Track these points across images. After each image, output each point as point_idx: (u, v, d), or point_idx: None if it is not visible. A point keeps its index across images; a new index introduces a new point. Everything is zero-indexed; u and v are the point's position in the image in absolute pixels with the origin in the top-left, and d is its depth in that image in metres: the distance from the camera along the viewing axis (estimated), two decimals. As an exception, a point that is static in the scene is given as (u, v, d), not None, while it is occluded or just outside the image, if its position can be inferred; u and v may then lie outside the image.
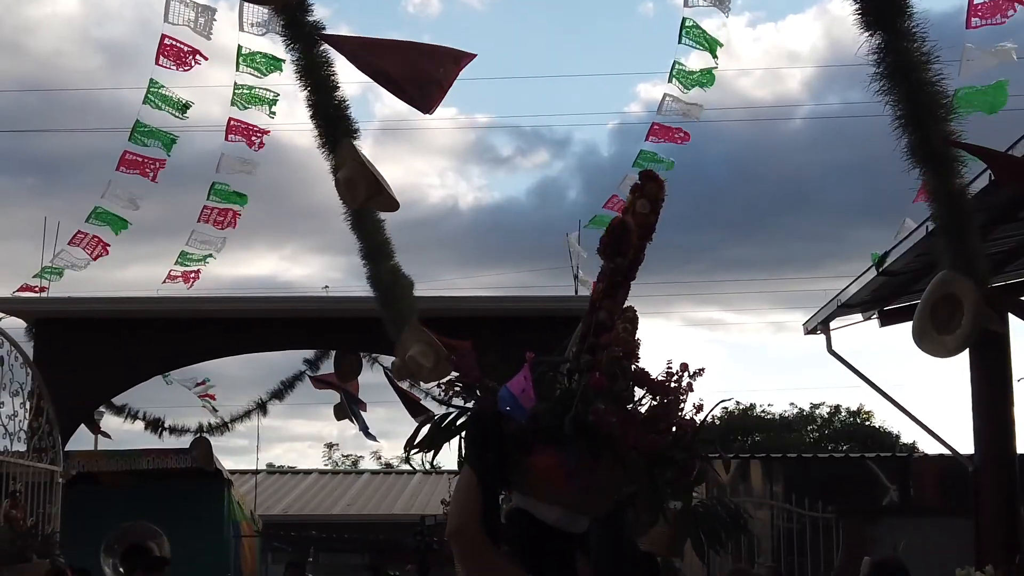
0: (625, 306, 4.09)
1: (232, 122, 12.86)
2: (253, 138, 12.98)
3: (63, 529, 14.12)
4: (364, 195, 7.25)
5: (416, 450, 3.66)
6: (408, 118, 62.32)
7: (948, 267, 6.29)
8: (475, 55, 7.03)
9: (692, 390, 3.75)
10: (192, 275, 15.87)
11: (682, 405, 3.66)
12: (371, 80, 7.02)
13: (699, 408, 3.76)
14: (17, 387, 13.50)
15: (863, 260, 12.49)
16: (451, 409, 3.65)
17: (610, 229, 3.67)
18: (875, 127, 6.72)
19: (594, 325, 3.64)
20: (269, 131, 13.07)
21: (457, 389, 3.59)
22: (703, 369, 3.85)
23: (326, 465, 39.21)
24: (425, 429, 3.69)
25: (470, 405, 3.61)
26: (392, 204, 7.51)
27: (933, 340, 6.36)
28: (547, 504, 3.53)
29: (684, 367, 3.75)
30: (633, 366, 3.57)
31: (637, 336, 4.24)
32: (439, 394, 3.69)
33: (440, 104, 6.95)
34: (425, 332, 8.34)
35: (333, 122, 7.55)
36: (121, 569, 14.24)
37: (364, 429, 10.30)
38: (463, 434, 3.59)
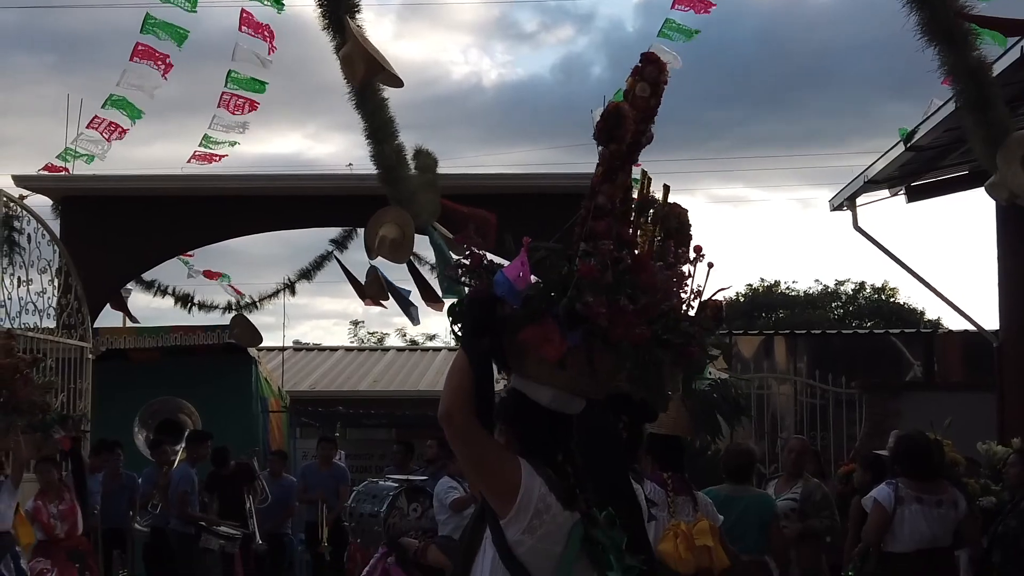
0: (675, 204, 4.07)
1: (244, 14, 12.74)
2: (264, 33, 12.88)
3: (94, 404, 14.36)
4: (362, 73, 7.19)
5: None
6: (431, -7, 61.49)
7: (975, 140, 6.18)
8: None
9: (692, 276, 3.77)
10: (216, 157, 15.86)
11: (682, 292, 3.67)
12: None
13: (698, 294, 3.76)
14: (45, 264, 13.63)
15: (890, 136, 12.37)
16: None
17: (604, 114, 3.63)
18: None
19: (593, 209, 3.62)
20: (275, 35, 13.00)
21: (463, 270, 3.59)
22: (703, 255, 3.87)
23: (352, 342, 39.52)
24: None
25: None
26: (395, 81, 7.45)
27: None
28: (540, 385, 3.56)
29: (682, 255, 3.76)
30: (630, 259, 3.55)
31: (689, 231, 4.26)
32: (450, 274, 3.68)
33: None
34: (404, 215, 8.31)
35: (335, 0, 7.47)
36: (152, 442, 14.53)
37: (406, 308, 10.33)
38: (459, 316, 3.59)
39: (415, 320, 10.38)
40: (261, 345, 18.28)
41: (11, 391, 9.95)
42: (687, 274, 3.76)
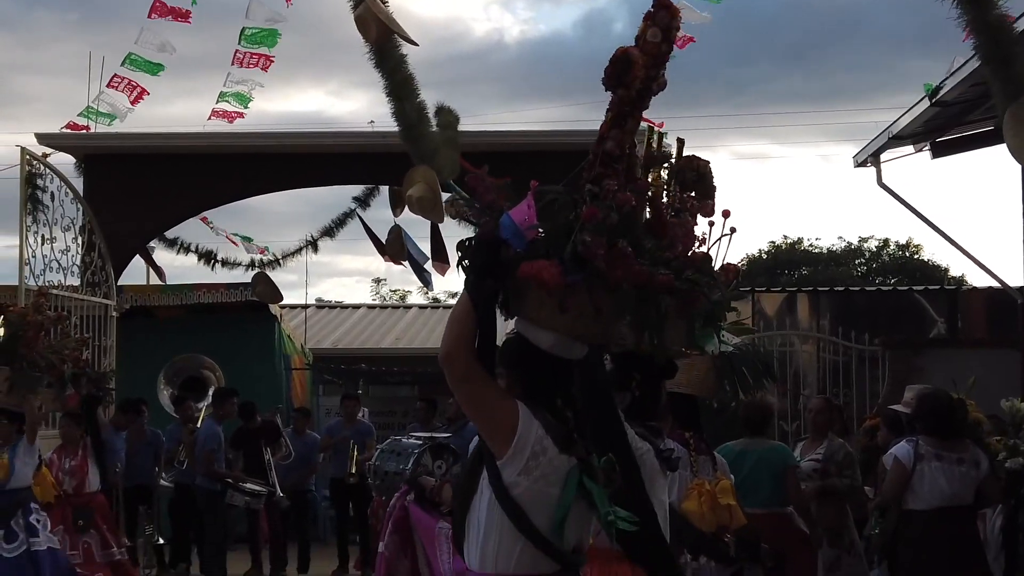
0: (695, 157, 4.04)
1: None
2: None
3: (119, 361, 14.45)
4: (375, 35, 7.17)
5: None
6: (452, -52, 61.14)
7: (996, 97, 6.10)
8: None
9: (710, 228, 3.76)
10: (235, 114, 15.88)
11: (692, 241, 3.67)
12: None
13: (702, 241, 3.75)
14: (68, 222, 13.69)
15: (916, 91, 12.28)
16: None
17: (613, 59, 3.61)
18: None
19: (601, 155, 3.60)
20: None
21: (472, 213, 3.60)
22: (709, 205, 3.87)
23: (374, 300, 39.61)
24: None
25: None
26: (410, 42, 7.44)
27: None
28: (541, 329, 3.59)
29: (705, 207, 3.75)
30: (636, 202, 3.54)
31: (711, 182, 4.25)
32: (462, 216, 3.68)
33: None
34: (431, 173, 8.31)
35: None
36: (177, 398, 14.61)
37: (419, 273, 10.38)
38: (465, 260, 3.62)
39: (429, 286, 10.43)
40: (284, 303, 18.33)
41: (32, 349, 10.03)
42: (699, 225, 3.77)
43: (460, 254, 3.64)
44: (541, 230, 3.45)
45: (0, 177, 16.05)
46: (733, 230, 4.38)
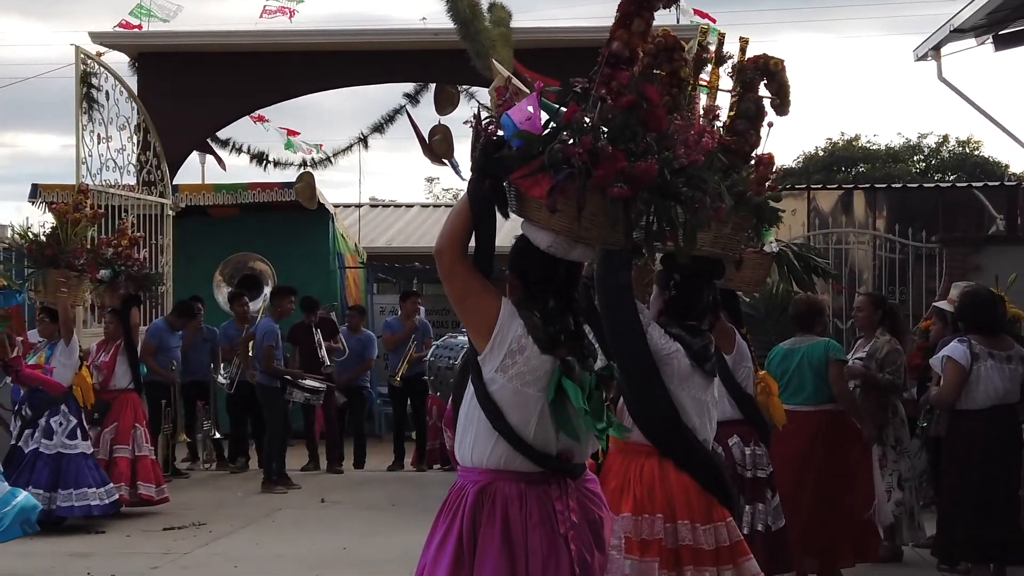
0: (766, 55, 3.97)
1: None
2: None
3: (175, 260, 14.61)
4: None
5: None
6: None
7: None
8: None
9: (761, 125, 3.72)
10: (287, 11, 15.80)
11: (708, 144, 3.63)
12: None
13: (709, 134, 3.70)
14: (123, 121, 13.75)
15: (979, -19, 11.94)
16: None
17: None
18: None
19: (607, 56, 3.56)
20: None
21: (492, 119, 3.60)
22: (786, 105, 3.82)
23: (427, 199, 39.58)
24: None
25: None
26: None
27: None
28: (539, 229, 3.60)
29: (779, 105, 3.70)
30: (632, 99, 3.48)
31: (787, 84, 4.21)
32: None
33: None
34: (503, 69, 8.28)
35: None
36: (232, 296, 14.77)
37: (459, 173, 10.37)
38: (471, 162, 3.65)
39: None
40: (337, 202, 18.35)
41: (72, 247, 10.10)
42: (710, 129, 3.76)
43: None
44: (537, 130, 3.45)
45: (55, 76, 16.11)
46: (771, 124, 4.35)
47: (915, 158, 41.24)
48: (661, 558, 4.65)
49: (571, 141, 3.40)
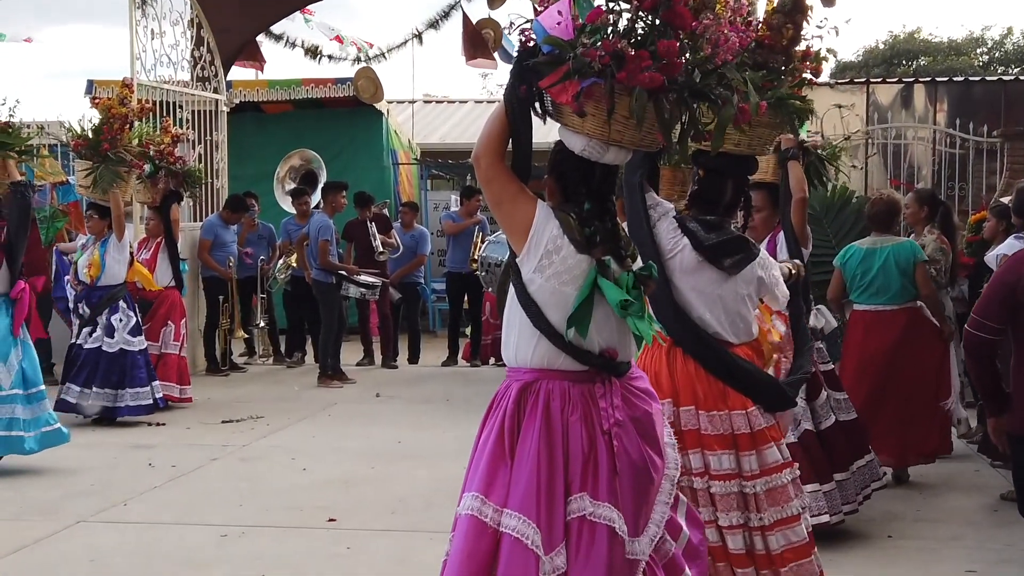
0: None
1: None
2: None
3: (229, 156, 14.64)
4: None
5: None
6: None
7: None
8: None
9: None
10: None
11: (737, 44, 3.57)
12: None
13: (737, 31, 3.63)
14: (176, 16, 13.70)
15: None
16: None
17: None
18: None
19: None
20: None
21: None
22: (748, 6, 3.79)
23: (481, 95, 39.35)
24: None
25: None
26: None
27: None
28: (574, 133, 3.65)
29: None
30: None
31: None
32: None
33: None
34: None
35: None
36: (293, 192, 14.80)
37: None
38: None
39: None
40: (391, 98, 18.25)
41: (117, 142, 10.09)
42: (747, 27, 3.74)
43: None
44: (567, 35, 3.44)
45: (108, -30, 16.02)
46: (836, 28, 4.28)
47: (978, 51, 40.40)
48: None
49: (596, 43, 3.38)
